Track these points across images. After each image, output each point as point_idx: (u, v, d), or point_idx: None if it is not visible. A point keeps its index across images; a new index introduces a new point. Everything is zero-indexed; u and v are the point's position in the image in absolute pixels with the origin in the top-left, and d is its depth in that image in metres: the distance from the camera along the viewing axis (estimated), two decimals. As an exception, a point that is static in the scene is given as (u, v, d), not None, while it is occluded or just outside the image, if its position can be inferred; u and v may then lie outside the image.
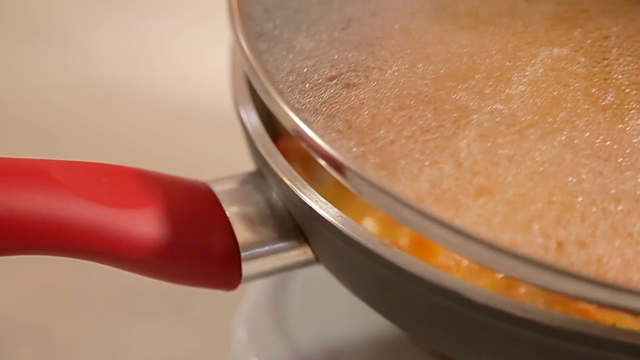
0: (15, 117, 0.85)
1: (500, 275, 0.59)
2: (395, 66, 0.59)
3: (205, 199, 0.57)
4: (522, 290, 0.59)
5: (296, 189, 0.56)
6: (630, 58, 0.59)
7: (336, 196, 0.65)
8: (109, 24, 0.94)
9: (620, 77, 0.59)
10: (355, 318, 0.64)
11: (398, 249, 0.53)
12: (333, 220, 0.55)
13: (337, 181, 0.65)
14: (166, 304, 0.72)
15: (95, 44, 0.92)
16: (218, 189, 0.58)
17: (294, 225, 0.58)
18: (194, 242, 0.55)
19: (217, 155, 0.79)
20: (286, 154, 0.67)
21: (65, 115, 0.84)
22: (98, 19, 0.94)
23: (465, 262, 0.60)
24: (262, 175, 0.59)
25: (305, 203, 0.56)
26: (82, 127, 0.83)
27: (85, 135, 0.83)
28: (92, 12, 0.95)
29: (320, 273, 0.60)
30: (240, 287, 0.59)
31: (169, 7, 0.96)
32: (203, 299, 0.64)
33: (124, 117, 0.84)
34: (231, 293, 0.59)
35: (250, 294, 0.67)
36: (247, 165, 0.62)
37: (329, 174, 0.66)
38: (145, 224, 0.54)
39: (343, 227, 0.54)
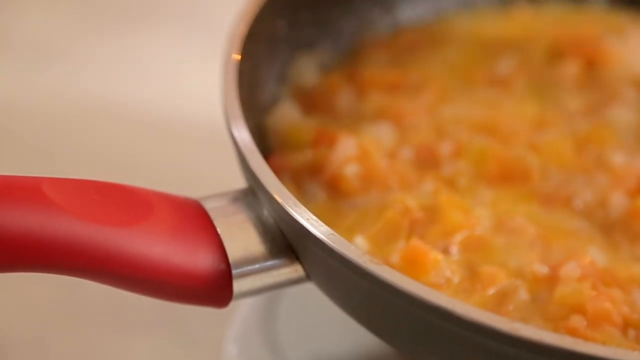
0: (6, 133, 0.85)
1: (492, 292, 0.60)
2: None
3: (197, 216, 0.57)
4: (511, 307, 0.59)
5: (287, 207, 0.56)
6: None
7: (328, 214, 0.65)
8: (101, 41, 0.94)
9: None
10: (346, 335, 0.65)
11: (388, 267, 0.53)
12: (324, 238, 0.55)
13: (328, 199, 0.66)
14: (159, 319, 0.72)
15: (87, 61, 0.92)
16: (209, 206, 0.58)
17: (285, 242, 0.58)
18: (185, 260, 0.55)
19: (208, 172, 0.79)
20: (278, 171, 0.67)
21: (57, 131, 0.84)
22: (89, 36, 0.95)
23: (455, 280, 0.60)
24: (253, 192, 0.60)
25: (297, 221, 0.56)
26: (74, 144, 0.83)
27: (78, 152, 0.82)
28: (83, 29, 0.95)
29: (311, 290, 0.60)
30: (232, 303, 0.59)
31: (161, 23, 0.96)
32: (195, 314, 0.64)
33: (116, 134, 0.84)
34: (223, 309, 0.59)
35: (241, 310, 0.67)
36: (239, 182, 0.62)
37: (321, 191, 0.66)
38: (136, 242, 0.54)
39: (334, 245, 0.54)
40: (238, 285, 0.57)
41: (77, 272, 0.54)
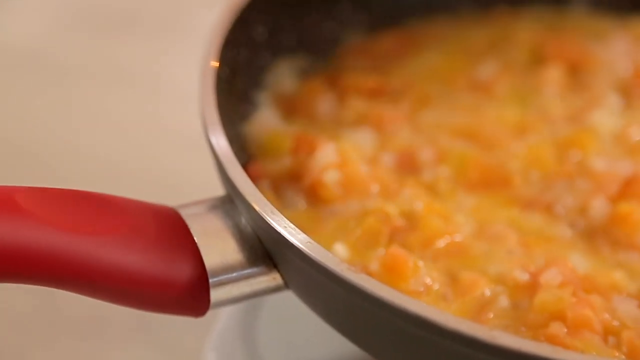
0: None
1: (472, 299, 0.59)
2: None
3: (173, 224, 0.56)
4: (491, 314, 0.58)
5: (265, 215, 0.56)
6: None
7: (307, 221, 0.65)
8: (79, 48, 0.93)
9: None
10: (326, 343, 0.64)
11: (366, 275, 0.53)
12: (301, 246, 0.54)
13: (308, 206, 0.66)
14: (138, 329, 0.72)
15: (64, 67, 0.92)
16: (186, 214, 0.58)
17: (263, 251, 0.58)
18: (162, 268, 0.55)
19: (188, 180, 0.78)
20: (257, 178, 0.66)
21: (31, 140, 0.83)
22: (69, 43, 0.94)
23: (436, 287, 0.60)
24: (231, 200, 0.59)
25: (274, 229, 0.55)
26: (48, 152, 0.83)
27: (52, 161, 0.82)
28: (64, 36, 0.94)
29: (291, 298, 0.59)
30: (211, 311, 0.58)
31: (140, 30, 0.96)
32: (175, 323, 0.64)
33: (92, 141, 0.83)
34: (203, 317, 0.58)
35: (221, 319, 0.66)
36: (218, 189, 0.61)
37: (301, 198, 0.66)
38: (111, 251, 0.54)
39: (311, 253, 0.54)
40: (215, 294, 0.57)
41: (51, 282, 0.53)
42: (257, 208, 0.56)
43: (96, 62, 0.92)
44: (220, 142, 0.60)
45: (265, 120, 0.70)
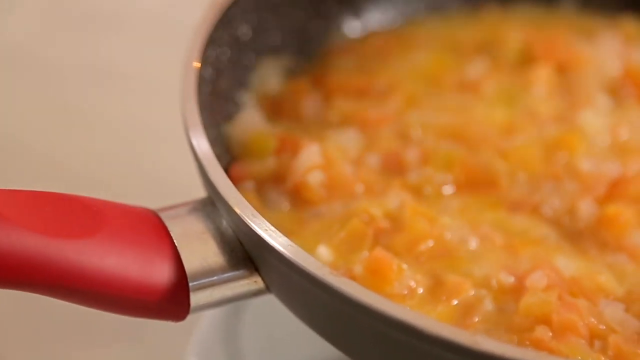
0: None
1: (457, 302, 0.59)
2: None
3: (152, 227, 0.56)
4: (476, 318, 0.58)
5: (245, 218, 0.55)
6: None
7: (291, 223, 0.64)
8: (61, 47, 0.92)
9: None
10: (310, 348, 0.63)
11: (347, 279, 0.52)
12: (282, 249, 0.54)
13: (292, 208, 0.65)
14: (120, 332, 0.71)
15: (44, 66, 0.91)
16: (166, 217, 0.57)
17: (244, 254, 0.57)
18: (140, 272, 0.54)
19: (170, 181, 0.77)
20: (240, 180, 0.66)
21: (7, 140, 0.82)
22: (49, 41, 0.93)
23: (420, 290, 0.59)
24: (212, 202, 0.58)
25: (255, 232, 0.55)
26: (25, 153, 0.82)
27: (29, 161, 0.81)
28: (46, 35, 0.94)
29: (274, 301, 0.59)
30: (194, 315, 0.58)
31: (123, 28, 0.95)
32: (157, 327, 0.63)
33: (71, 142, 0.82)
34: (186, 321, 0.58)
35: (203, 323, 0.66)
36: (202, 191, 0.60)
37: (284, 199, 0.65)
38: (88, 254, 0.53)
39: (292, 257, 0.53)
40: (195, 298, 0.56)
41: (27, 287, 0.52)
42: (237, 211, 0.55)
43: (80, 61, 0.92)
44: (202, 143, 0.59)
45: (250, 120, 0.69)
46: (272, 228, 0.55)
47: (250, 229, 0.55)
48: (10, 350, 0.71)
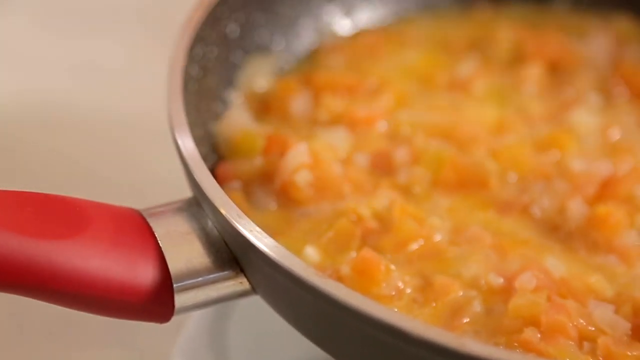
0: None
1: (445, 304, 0.58)
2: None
3: (137, 227, 0.55)
4: (465, 319, 0.57)
5: (231, 218, 0.55)
6: None
7: (278, 223, 0.63)
8: (46, 44, 0.92)
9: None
10: (297, 349, 0.63)
11: (333, 281, 0.51)
12: (267, 250, 0.53)
13: (279, 208, 0.64)
14: (107, 332, 0.70)
15: (28, 63, 0.90)
16: (151, 217, 0.56)
17: (230, 254, 0.56)
18: (124, 274, 0.53)
19: (156, 181, 0.77)
20: (227, 179, 0.65)
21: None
22: (34, 39, 0.92)
23: (408, 291, 0.59)
24: (198, 202, 0.58)
25: (240, 233, 0.54)
26: (8, 152, 0.81)
27: (12, 160, 0.80)
28: (30, 32, 0.93)
29: (261, 303, 0.58)
30: (181, 315, 0.57)
31: (111, 25, 0.94)
32: (144, 327, 0.62)
33: (54, 140, 0.81)
34: (172, 321, 0.57)
35: (190, 323, 0.65)
36: (187, 191, 0.60)
37: (272, 199, 0.65)
38: (71, 256, 0.52)
39: (277, 258, 0.53)
40: (180, 300, 0.55)
41: (9, 288, 0.52)
42: (223, 211, 0.55)
43: (67, 59, 0.91)
44: (187, 143, 0.59)
45: (237, 119, 0.69)
46: (258, 229, 0.54)
47: (236, 229, 0.54)
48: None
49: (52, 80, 0.88)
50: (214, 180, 0.57)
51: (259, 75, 0.72)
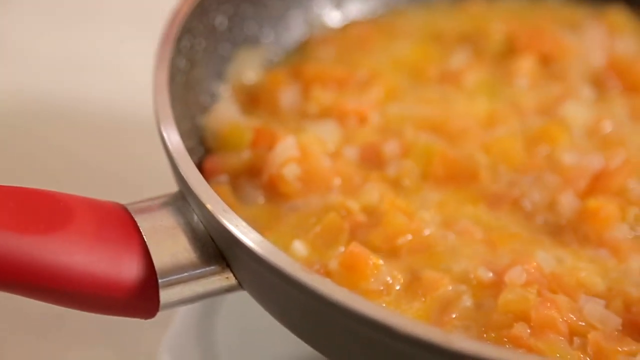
0: None
1: (434, 299, 0.58)
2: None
3: (122, 222, 0.54)
4: (454, 314, 0.57)
5: (216, 213, 0.54)
6: None
7: (266, 217, 0.63)
8: (35, 34, 0.91)
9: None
10: (285, 344, 0.62)
11: (318, 276, 0.51)
12: (253, 246, 0.52)
13: (267, 202, 0.64)
14: (94, 328, 0.70)
15: (15, 54, 0.89)
16: (136, 212, 0.56)
17: (216, 249, 0.56)
18: (108, 269, 0.53)
19: (143, 175, 0.76)
20: (214, 173, 0.65)
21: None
22: (18, 32, 0.91)
23: (397, 286, 0.58)
24: (183, 197, 0.57)
25: (226, 228, 0.53)
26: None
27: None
28: (14, 25, 0.92)
29: (248, 297, 0.57)
30: (169, 311, 0.56)
31: (99, 17, 0.93)
32: (130, 322, 0.62)
33: (38, 133, 0.80)
34: (161, 317, 0.57)
35: (177, 319, 0.64)
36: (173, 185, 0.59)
37: (260, 193, 0.64)
38: (54, 251, 0.51)
39: (263, 254, 0.52)
40: (165, 295, 0.55)
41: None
42: (208, 206, 0.54)
43: (55, 51, 0.90)
44: (173, 136, 0.58)
45: (225, 112, 0.68)
46: (244, 224, 0.53)
47: (221, 224, 0.54)
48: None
49: (39, 73, 0.87)
50: (200, 175, 0.56)
51: (247, 68, 0.72)
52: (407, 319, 0.49)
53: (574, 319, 0.56)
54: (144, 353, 0.66)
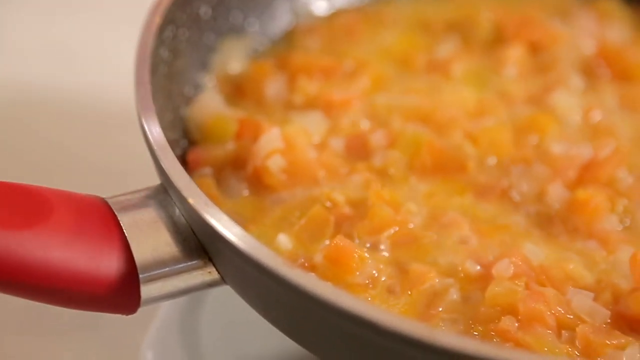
0: None
1: (421, 292, 0.57)
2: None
3: (101, 216, 0.53)
4: (441, 308, 0.56)
5: (198, 207, 0.53)
6: None
7: (251, 210, 0.62)
8: (16, 23, 0.89)
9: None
10: (270, 340, 0.61)
11: (301, 271, 0.50)
12: (235, 240, 0.51)
13: (251, 194, 0.63)
14: (78, 322, 0.69)
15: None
16: (116, 205, 0.55)
17: (198, 244, 0.55)
18: (87, 264, 0.52)
19: (125, 167, 0.75)
20: (198, 166, 0.64)
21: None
22: (4, 18, 0.90)
23: (383, 280, 0.57)
24: (165, 190, 0.56)
25: (207, 222, 0.52)
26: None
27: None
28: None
29: (233, 291, 0.57)
30: (152, 306, 0.55)
31: (85, 9, 0.92)
32: (114, 316, 0.61)
33: (17, 124, 0.79)
34: (145, 310, 0.56)
35: (161, 312, 0.63)
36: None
37: (244, 186, 0.63)
38: (32, 246, 0.51)
39: (245, 248, 0.51)
40: (146, 290, 0.54)
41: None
42: (190, 200, 0.53)
43: (36, 40, 0.89)
44: (154, 129, 0.57)
45: (209, 103, 0.67)
46: (226, 218, 0.52)
47: (203, 218, 0.53)
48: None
49: (21, 62, 0.86)
50: (181, 168, 0.55)
51: (232, 58, 0.71)
52: (391, 314, 0.48)
53: (562, 312, 0.55)
54: (129, 345, 0.65)
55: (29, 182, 0.54)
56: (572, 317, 0.55)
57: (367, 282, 0.57)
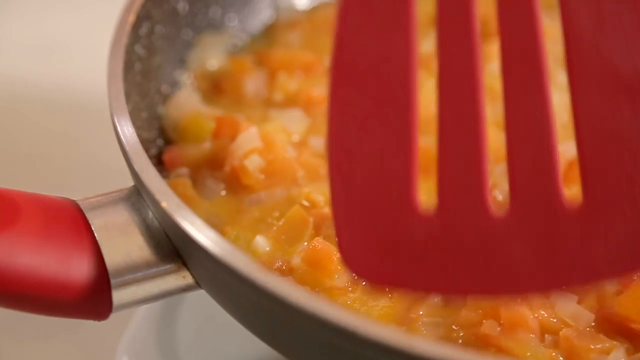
0: None
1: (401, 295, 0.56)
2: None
3: (71, 219, 0.52)
4: (421, 311, 0.55)
5: (170, 210, 0.52)
6: None
7: (228, 211, 0.61)
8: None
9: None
10: (247, 342, 0.60)
11: (275, 277, 0.49)
12: (208, 244, 0.50)
13: (229, 194, 0.62)
14: (54, 321, 0.68)
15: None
16: (87, 208, 0.53)
17: (172, 247, 0.54)
18: (56, 269, 0.51)
19: (102, 168, 0.73)
20: (174, 165, 0.62)
21: None
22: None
23: (363, 283, 0.56)
24: (138, 192, 0.55)
25: (179, 225, 0.51)
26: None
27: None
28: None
29: (209, 297, 0.55)
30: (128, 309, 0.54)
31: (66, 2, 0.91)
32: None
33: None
34: (122, 314, 0.54)
35: (137, 314, 0.62)
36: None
37: (221, 186, 0.62)
38: (0, 251, 0.49)
39: (219, 253, 0.50)
40: (118, 296, 0.53)
41: None
42: (163, 203, 0.52)
43: (15, 35, 0.88)
44: (126, 129, 0.55)
45: (186, 101, 0.66)
46: (199, 221, 0.51)
47: (175, 222, 0.51)
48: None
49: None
50: (154, 169, 0.54)
51: (210, 54, 0.69)
52: (367, 321, 0.47)
53: (546, 315, 0.54)
54: (106, 346, 0.64)
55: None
56: (555, 320, 0.54)
57: (347, 285, 0.56)
